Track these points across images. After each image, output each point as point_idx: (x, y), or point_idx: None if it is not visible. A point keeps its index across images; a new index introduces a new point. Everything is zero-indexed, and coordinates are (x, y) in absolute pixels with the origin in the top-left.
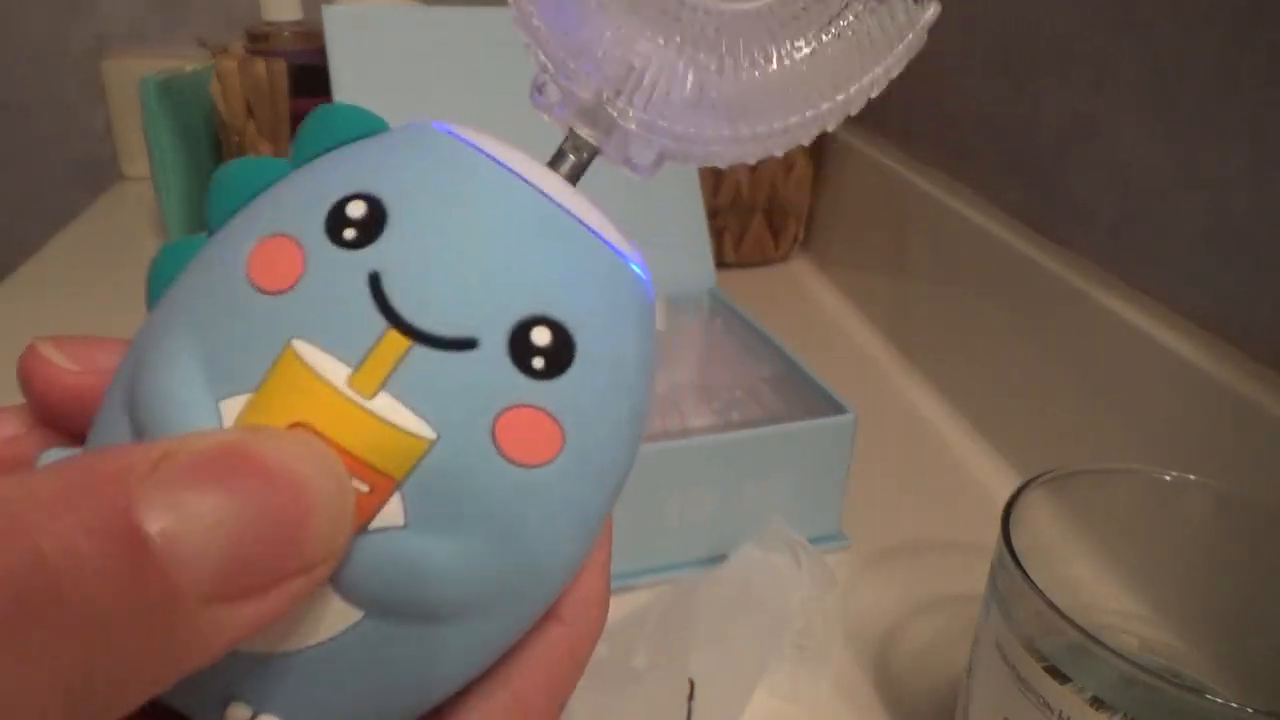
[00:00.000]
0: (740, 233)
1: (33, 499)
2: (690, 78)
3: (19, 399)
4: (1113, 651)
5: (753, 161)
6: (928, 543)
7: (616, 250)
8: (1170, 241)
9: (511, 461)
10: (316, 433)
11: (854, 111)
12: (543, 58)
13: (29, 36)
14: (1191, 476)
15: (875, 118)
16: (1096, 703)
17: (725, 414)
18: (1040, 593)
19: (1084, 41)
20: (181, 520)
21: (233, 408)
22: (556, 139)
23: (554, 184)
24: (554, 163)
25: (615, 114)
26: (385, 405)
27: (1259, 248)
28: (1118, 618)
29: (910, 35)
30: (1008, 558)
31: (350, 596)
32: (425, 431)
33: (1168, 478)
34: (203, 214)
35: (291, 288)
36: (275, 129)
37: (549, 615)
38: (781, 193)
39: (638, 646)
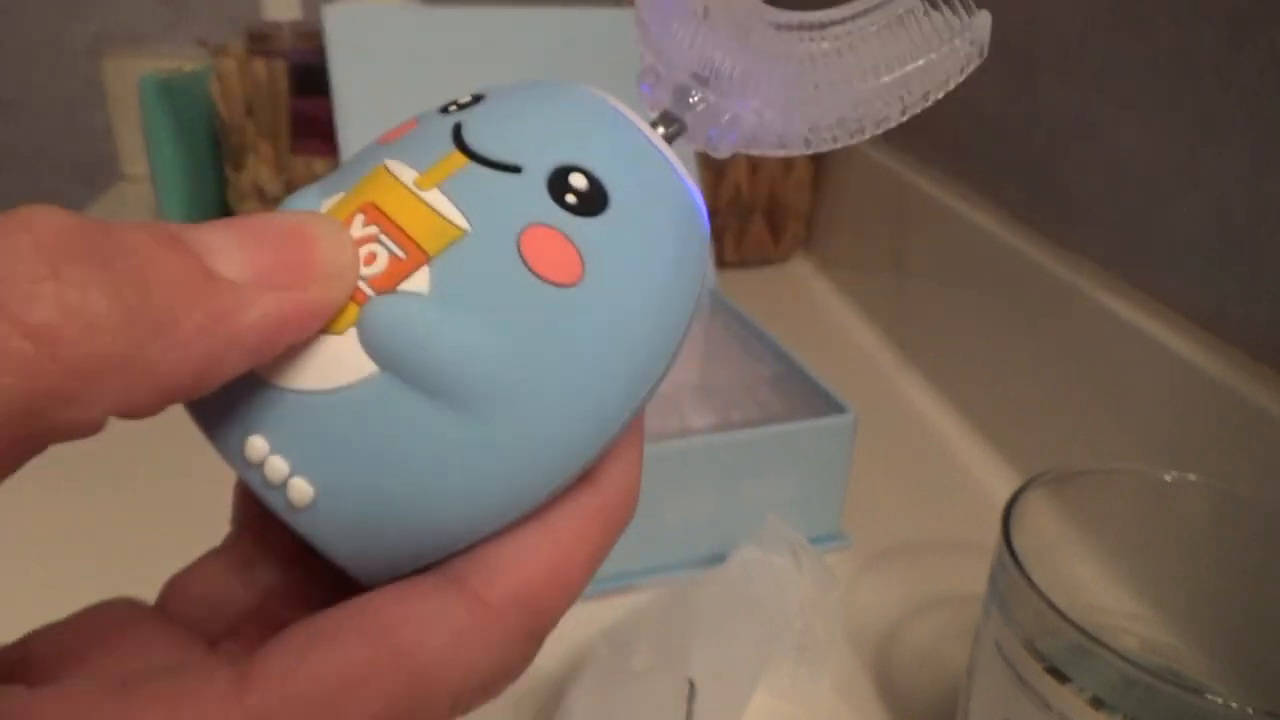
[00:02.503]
0: (740, 233)
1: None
2: (763, 66)
3: None
4: (1113, 651)
5: (822, 149)
6: (928, 543)
7: (679, 174)
8: (1170, 241)
9: (530, 269)
10: (377, 207)
11: (909, 105)
12: (649, 53)
13: (29, 36)
14: (1191, 476)
15: None
16: (1096, 703)
17: (725, 414)
18: (1040, 593)
19: (1084, 41)
20: (210, 234)
21: (330, 201)
22: None
23: (638, 117)
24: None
25: (695, 98)
26: (434, 197)
27: (1259, 248)
28: (1118, 618)
29: (959, 40)
30: (1008, 558)
31: (370, 347)
32: (460, 221)
33: (1168, 478)
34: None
35: (401, 137)
36: (275, 129)
37: (582, 480)
38: (781, 193)
39: (638, 646)
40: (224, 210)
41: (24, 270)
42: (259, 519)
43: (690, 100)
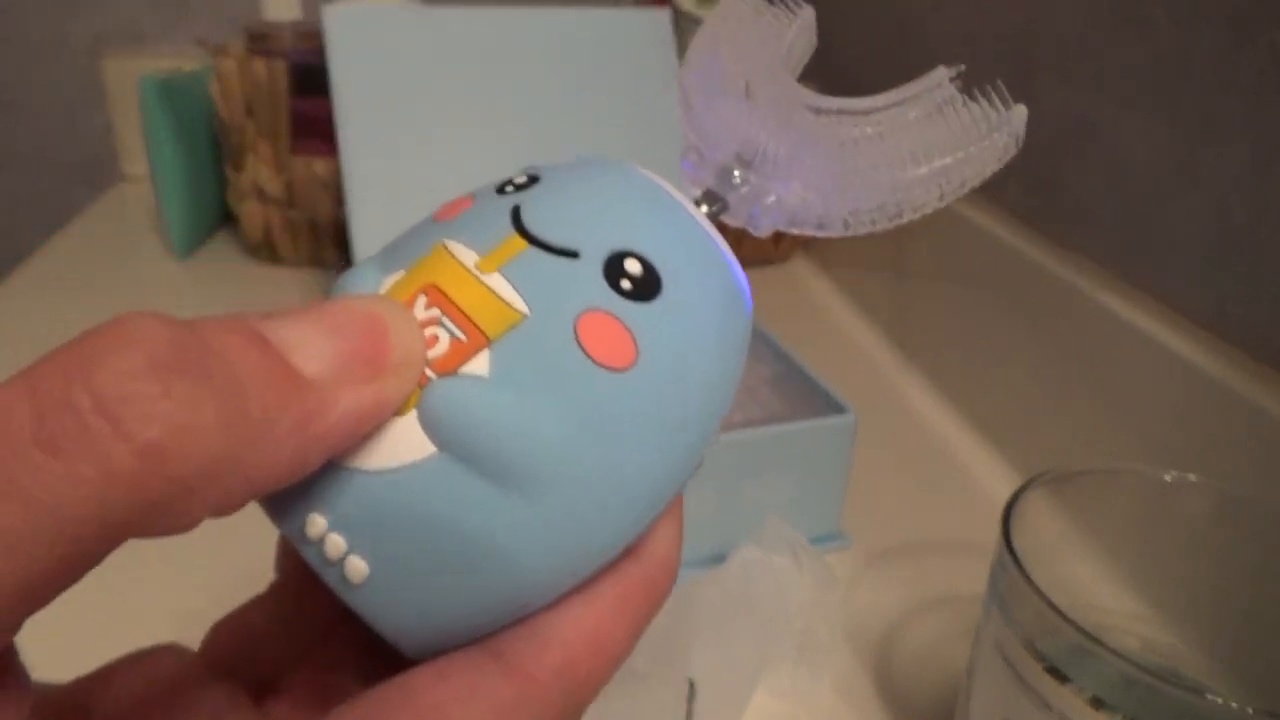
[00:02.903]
0: (740, 233)
1: (193, 318)
2: (806, 150)
3: None
4: (1113, 651)
5: (860, 232)
6: (928, 543)
7: (725, 255)
8: (1170, 241)
9: (586, 354)
10: (439, 290)
11: (947, 193)
12: (692, 133)
13: (28, 36)
14: (1191, 476)
15: None
16: (1096, 703)
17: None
18: (1040, 593)
19: (1084, 41)
20: (290, 330)
21: (391, 280)
22: (552, 139)
23: (684, 197)
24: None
25: (738, 178)
26: (496, 281)
27: (1259, 248)
28: (1118, 618)
29: (998, 134)
30: (1008, 558)
31: (430, 428)
32: (520, 306)
33: (1168, 478)
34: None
35: (458, 215)
36: (275, 129)
37: (625, 551)
38: None
39: (638, 646)
40: (224, 210)
41: (141, 389)
42: (303, 567)
43: (733, 180)
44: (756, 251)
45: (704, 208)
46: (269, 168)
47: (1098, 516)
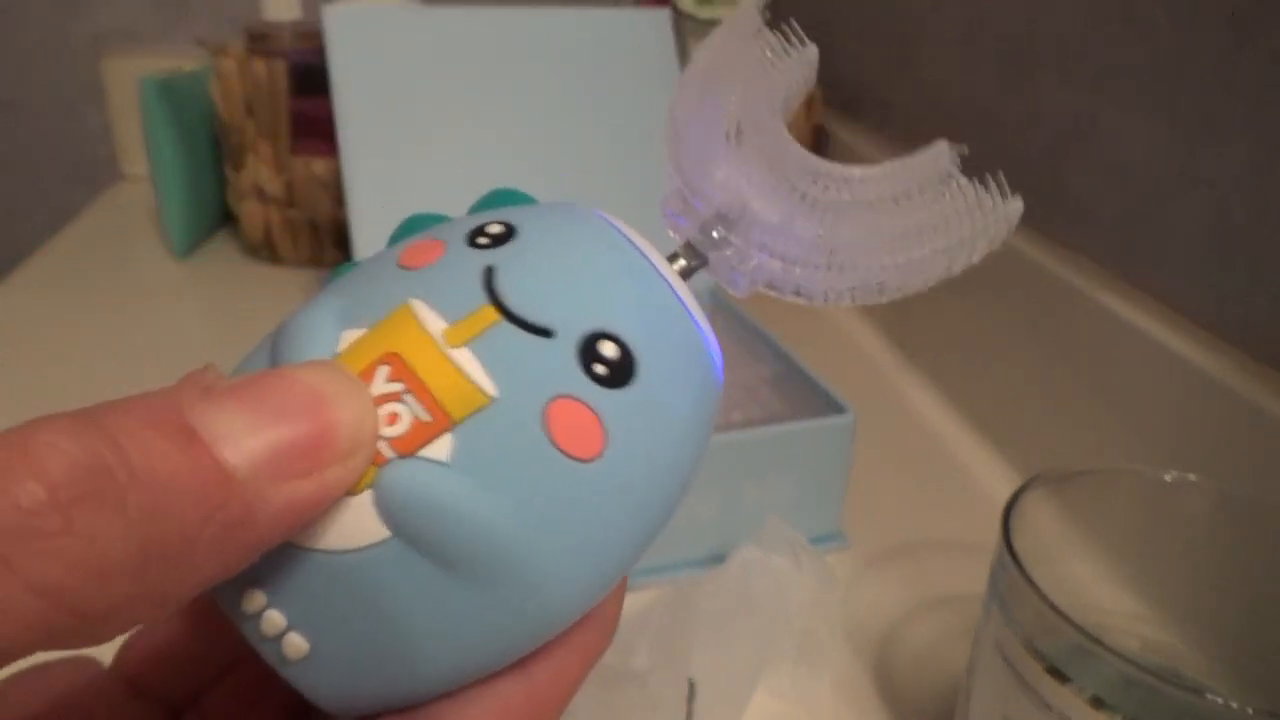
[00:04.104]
0: None
1: (108, 407)
2: (794, 221)
3: (18, 400)
4: (1113, 651)
5: (840, 304)
6: (928, 543)
7: (700, 330)
8: (1170, 241)
9: (553, 443)
10: (403, 361)
11: (931, 278)
12: (678, 177)
13: (28, 36)
14: (1191, 476)
15: (876, 117)
16: (1096, 703)
17: (725, 414)
18: (1040, 593)
19: (1084, 41)
20: (222, 417)
21: (349, 337)
22: (552, 139)
23: (661, 261)
24: (669, 259)
25: (719, 236)
26: (463, 357)
27: (1259, 248)
28: (1118, 618)
29: (992, 224)
30: (1008, 558)
31: (385, 512)
32: (488, 387)
33: (1168, 478)
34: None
35: (427, 266)
36: (275, 129)
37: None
38: None
39: (638, 646)
40: (224, 210)
41: (38, 524)
42: None
43: (714, 237)
44: None
45: (682, 262)
46: (269, 168)
47: (1098, 516)
